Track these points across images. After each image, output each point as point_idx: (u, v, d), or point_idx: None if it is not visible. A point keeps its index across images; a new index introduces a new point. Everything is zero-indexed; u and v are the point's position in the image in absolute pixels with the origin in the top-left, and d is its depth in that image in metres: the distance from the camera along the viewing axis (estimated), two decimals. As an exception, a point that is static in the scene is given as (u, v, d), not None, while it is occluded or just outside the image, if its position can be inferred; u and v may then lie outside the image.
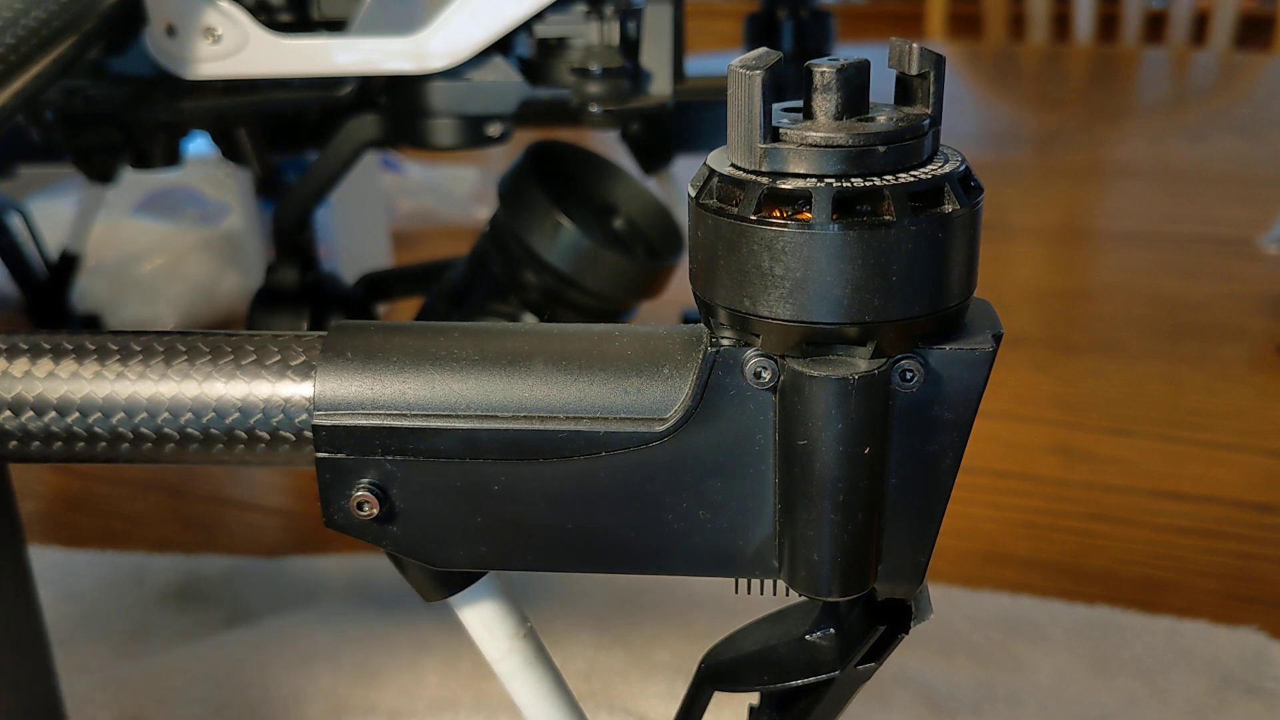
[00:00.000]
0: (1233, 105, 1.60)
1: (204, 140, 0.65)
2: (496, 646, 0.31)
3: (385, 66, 0.45)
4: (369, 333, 0.28)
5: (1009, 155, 1.35)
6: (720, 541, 0.27)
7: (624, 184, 0.56)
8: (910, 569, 0.27)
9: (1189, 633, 0.54)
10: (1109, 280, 1.00)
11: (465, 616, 0.31)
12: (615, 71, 0.46)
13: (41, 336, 0.29)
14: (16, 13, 0.34)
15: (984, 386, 0.25)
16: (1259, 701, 0.50)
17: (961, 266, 0.24)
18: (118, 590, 0.61)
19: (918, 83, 0.25)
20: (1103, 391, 0.78)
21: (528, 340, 0.27)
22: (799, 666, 0.30)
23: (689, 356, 0.26)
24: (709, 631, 0.36)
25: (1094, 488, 0.66)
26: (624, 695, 0.51)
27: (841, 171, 0.23)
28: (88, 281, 0.87)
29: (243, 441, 0.28)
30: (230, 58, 0.45)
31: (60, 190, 1.02)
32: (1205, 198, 1.17)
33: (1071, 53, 1.95)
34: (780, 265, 0.23)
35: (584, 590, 0.58)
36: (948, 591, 0.57)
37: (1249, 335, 0.85)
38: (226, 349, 0.28)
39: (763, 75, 0.23)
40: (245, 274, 0.94)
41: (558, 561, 0.28)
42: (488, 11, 0.44)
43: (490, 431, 0.26)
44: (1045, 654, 0.53)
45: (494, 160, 1.26)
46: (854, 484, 0.25)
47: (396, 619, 0.56)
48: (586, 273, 0.50)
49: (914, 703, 0.50)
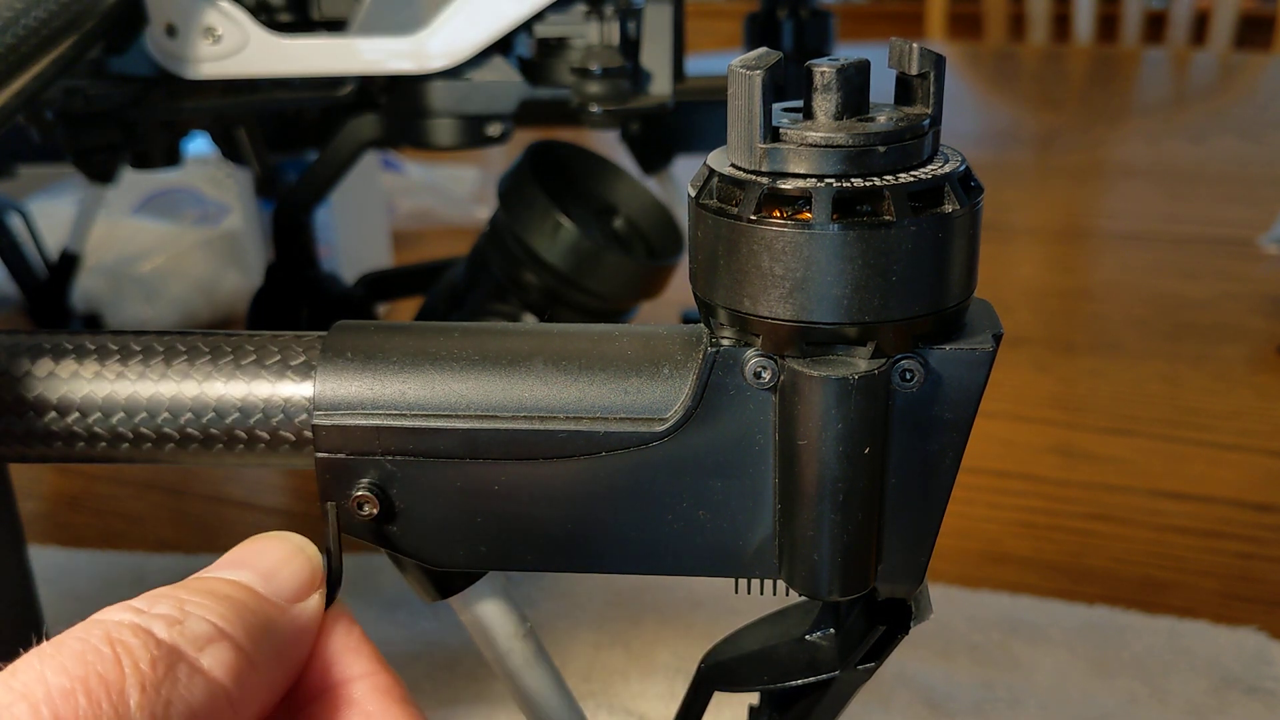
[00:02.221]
0: (1233, 105, 1.60)
1: (204, 140, 0.65)
2: (496, 646, 0.31)
3: (385, 66, 0.45)
4: (369, 333, 0.28)
5: (1009, 155, 1.35)
6: (720, 541, 0.27)
7: (624, 184, 0.56)
8: (910, 569, 0.27)
9: (1189, 633, 0.54)
10: (1109, 280, 1.00)
11: (465, 617, 0.31)
12: (615, 71, 0.46)
13: (41, 336, 0.29)
14: (16, 12, 0.34)
15: (984, 386, 0.25)
16: (1259, 701, 0.50)
17: (962, 266, 0.24)
18: (118, 590, 0.61)
19: (918, 83, 0.25)
20: (1103, 391, 0.78)
21: (528, 340, 0.27)
22: (799, 666, 0.30)
23: (689, 356, 0.26)
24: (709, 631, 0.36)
25: (1094, 488, 0.66)
26: (624, 695, 0.51)
27: (841, 171, 0.23)
28: (88, 281, 0.87)
29: (243, 441, 0.28)
30: (230, 58, 0.45)
31: (60, 190, 1.02)
32: (1205, 198, 1.17)
33: (1071, 53, 1.95)
34: (780, 265, 0.23)
35: (584, 590, 0.58)
36: (948, 591, 0.57)
37: (1249, 335, 0.85)
38: (226, 349, 0.28)
39: (763, 75, 0.23)
40: (245, 274, 0.94)
41: (558, 562, 0.28)
42: (488, 11, 0.44)
43: (490, 431, 0.26)
44: (1045, 654, 0.53)
45: (494, 160, 1.26)
46: (854, 484, 0.25)
47: (397, 619, 0.56)
48: (586, 273, 0.50)
49: (914, 703, 0.50)
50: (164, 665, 0.20)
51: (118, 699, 0.19)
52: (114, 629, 0.20)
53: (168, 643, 0.20)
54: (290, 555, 0.24)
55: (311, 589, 0.24)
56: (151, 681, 0.19)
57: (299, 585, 0.24)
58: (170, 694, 0.20)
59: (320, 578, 0.24)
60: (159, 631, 0.20)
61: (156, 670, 0.20)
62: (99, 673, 0.19)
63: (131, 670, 0.19)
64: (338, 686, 0.24)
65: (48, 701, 0.18)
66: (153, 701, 0.19)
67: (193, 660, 0.20)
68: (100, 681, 0.19)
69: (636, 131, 0.65)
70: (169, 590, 0.22)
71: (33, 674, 0.19)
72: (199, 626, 0.21)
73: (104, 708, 0.19)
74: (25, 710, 0.18)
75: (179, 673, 0.20)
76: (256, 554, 0.24)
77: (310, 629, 0.24)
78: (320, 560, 0.25)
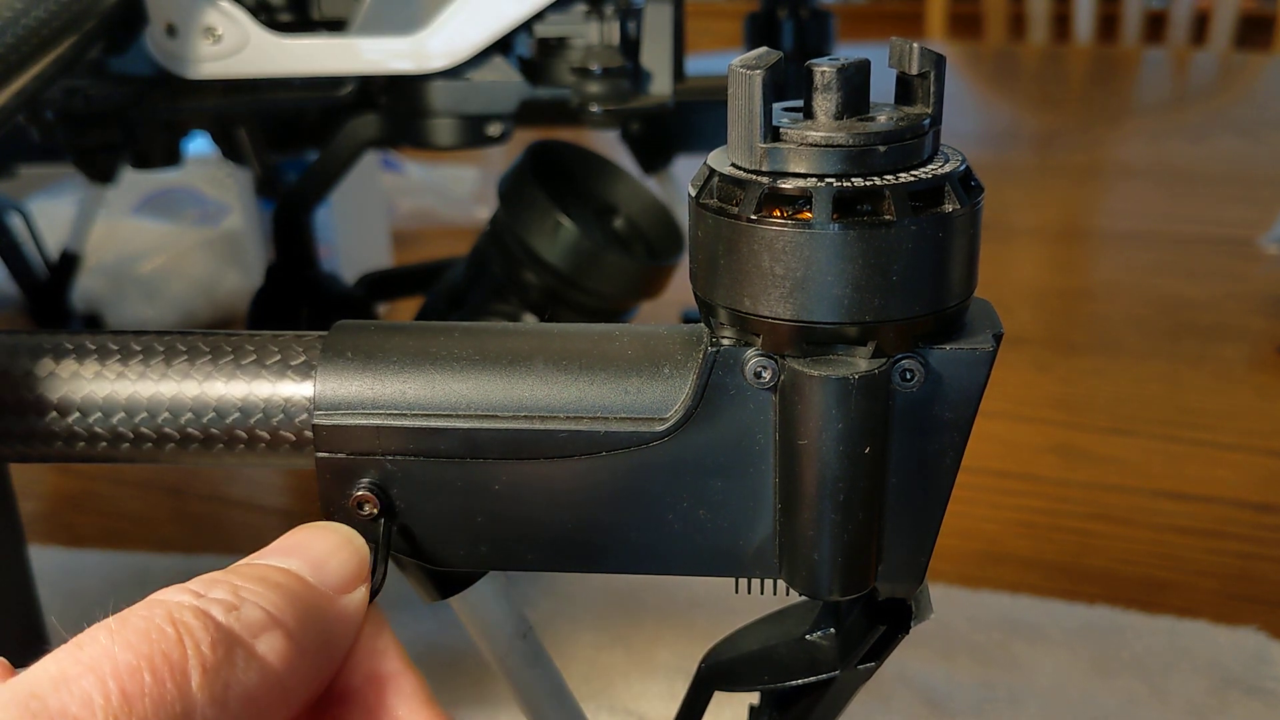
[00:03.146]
0: (1233, 105, 1.60)
1: (204, 140, 0.65)
2: (497, 646, 0.31)
3: (385, 66, 0.45)
4: (369, 333, 0.28)
5: (1009, 155, 1.35)
6: (720, 541, 0.27)
7: (624, 184, 0.56)
8: (911, 568, 0.27)
9: (1189, 633, 0.54)
10: (1109, 280, 1.00)
11: (466, 616, 0.31)
12: (615, 71, 0.46)
13: (42, 336, 0.29)
14: (16, 12, 0.34)
15: (984, 386, 0.25)
16: (1259, 701, 0.50)
17: (962, 266, 0.24)
18: (119, 590, 0.61)
19: (918, 82, 0.25)
20: (1103, 391, 0.78)
21: (528, 340, 0.27)
22: (799, 666, 0.30)
23: (689, 356, 0.26)
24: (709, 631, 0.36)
25: (1094, 488, 0.66)
26: (624, 695, 0.51)
27: (842, 171, 0.23)
28: (88, 281, 0.87)
29: (243, 441, 0.28)
30: (230, 57, 0.45)
31: (60, 190, 1.02)
32: (1205, 198, 1.17)
33: (1071, 53, 1.95)
34: (780, 265, 0.23)
35: (584, 590, 0.58)
36: (948, 591, 0.57)
37: (1249, 335, 0.85)
38: (227, 349, 0.28)
39: (763, 75, 0.23)
40: (245, 274, 0.94)
41: (558, 561, 0.28)
42: (488, 11, 0.44)
43: (490, 431, 0.26)
44: (1045, 654, 0.53)
45: (494, 160, 1.26)
46: (854, 484, 0.25)
47: (397, 619, 0.56)
48: (587, 272, 0.50)
49: (914, 703, 0.50)
50: (223, 649, 0.20)
51: (181, 679, 0.19)
52: (176, 610, 0.20)
53: (226, 626, 0.20)
54: (339, 546, 0.24)
55: (359, 581, 0.24)
56: (212, 664, 0.20)
57: (347, 576, 0.24)
58: (229, 677, 0.20)
59: (366, 570, 0.25)
60: (218, 615, 0.20)
61: (216, 653, 0.20)
62: (164, 651, 0.19)
63: (194, 651, 0.19)
64: (367, 686, 0.24)
65: (114, 676, 0.19)
66: (213, 684, 0.19)
67: (249, 646, 0.20)
68: (165, 660, 0.19)
69: (636, 131, 0.65)
70: (222, 575, 0.22)
71: (100, 649, 0.19)
72: (254, 613, 0.21)
73: (168, 686, 0.19)
74: (93, 683, 0.18)
75: (237, 657, 0.20)
76: (306, 543, 0.24)
77: (356, 621, 0.24)
78: (368, 552, 0.25)
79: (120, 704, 0.18)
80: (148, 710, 0.18)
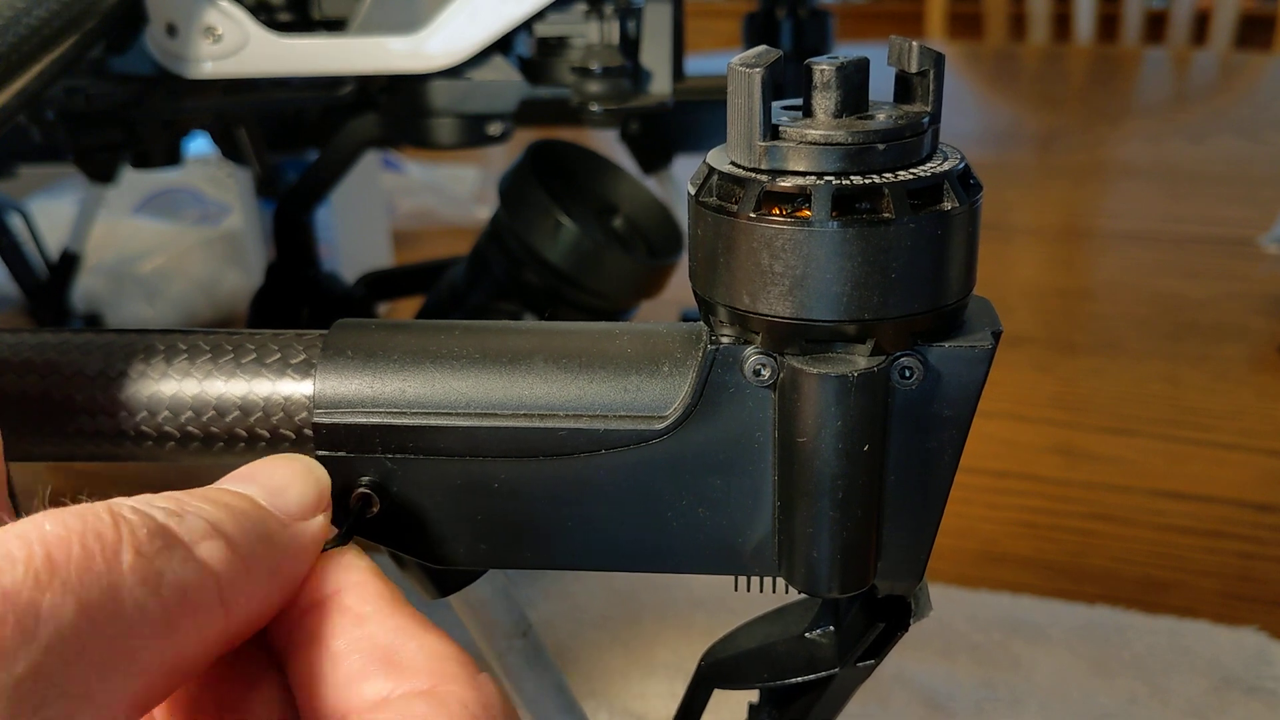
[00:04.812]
0: (1233, 105, 1.60)
1: (204, 140, 0.65)
2: (497, 645, 0.31)
3: (385, 66, 0.45)
4: (369, 331, 0.28)
5: (1009, 155, 1.35)
6: (720, 539, 0.27)
7: (624, 183, 0.56)
8: (910, 566, 0.27)
9: (1189, 633, 0.54)
10: (1109, 280, 1.00)
11: (465, 615, 0.31)
12: (615, 71, 0.46)
13: (44, 335, 0.29)
14: (17, 12, 0.34)
15: (983, 383, 0.25)
16: (1259, 701, 0.50)
17: (961, 264, 0.24)
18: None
19: (917, 81, 0.25)
20: (1103, 391, 0.78)
21: (528, 338, 0.27)
22: (798, 664, 0.30)
23: (689, 354, 0.26)
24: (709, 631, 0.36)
25: (1094, 488, 0.66)
26: (624, 695, 0.51)
27: (841, 169, 0.23)
28: (88, 281, 0.87)
29: (243, 440, 0.28)
30: (231, 57, 0.45)
31: (60, 190, 1.02)
32: (1205, 198, 1.17)
33: (1071, 53, 1.95)
34: (780, 263, 0.23)
35: (584, 590, 0.58)
36: (948, 591, 0.57)
37: (1250, 335, 0.85)
38: (227, 348, 0.28)
39: (762, 73, 0.23)
40: (245, 274, 0.94)
41: (558, 560, 0.28)
42: (488, 11, 0.44)
43: (490, 429, 0.26)
44: (1046, 654, 0.53)
45: (494, 160, 1.26)
46: (853, 481, 0.25)
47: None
48: (587, 272, 0.50)
49: (914, 703, 0.50)
50: (160, 541, 0.20)
51: (111, 556, 0.19)
52: (115, 505, 0.20)
53: (165, 525, 0.20)
54: (298, 474, 0.24)
55: (317, 510, 0.24)
56: (147, 550, 0.20)
57: (304, 504, 0.24)
58: (163, 566, 0.20)
59: (326, 500, 0.25)
60: (159, 516, 0.21)
61: (153, 543, 0.20)
62: (97, 531, 0.19)
63: (129, 536, 0.20)
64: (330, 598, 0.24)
65: (41, 542, 0.19)
66: (145, 567, 0.19)
67: (187, 546, 0.20)
68: (97, 539, 0.19)
69: (636, 131, 0.65)
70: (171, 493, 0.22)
71: (32, 523, 0.19)
72: (196, 523, 0.21)
73: (97, 559, 0.19)
74: (17, 544, 0.18)
75: (174, 551, 0.20)
76: (265, 471, 0.24)
77: (311, 548, 0.24)
78: (329, 482, 0.25)
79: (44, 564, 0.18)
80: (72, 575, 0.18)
